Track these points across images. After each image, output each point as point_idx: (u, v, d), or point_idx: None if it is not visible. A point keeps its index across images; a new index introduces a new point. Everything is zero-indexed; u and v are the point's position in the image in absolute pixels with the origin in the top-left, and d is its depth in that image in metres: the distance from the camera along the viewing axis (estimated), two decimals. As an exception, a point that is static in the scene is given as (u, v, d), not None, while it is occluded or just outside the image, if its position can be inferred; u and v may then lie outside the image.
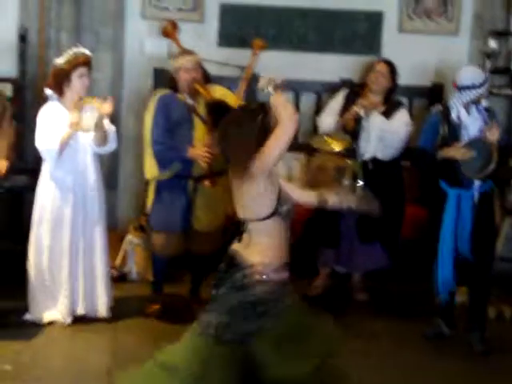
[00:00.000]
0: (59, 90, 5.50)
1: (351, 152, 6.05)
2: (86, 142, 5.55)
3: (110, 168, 6.80)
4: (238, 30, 7.06)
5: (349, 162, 5.97)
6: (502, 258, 6.33)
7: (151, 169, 5.74)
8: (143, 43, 7.01)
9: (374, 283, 6.50)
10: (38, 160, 5.68)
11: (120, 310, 5.78)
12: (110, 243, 5.82)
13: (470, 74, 5.58)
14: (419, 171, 6.35)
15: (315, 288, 6.40)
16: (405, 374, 5.24)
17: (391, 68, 6.28)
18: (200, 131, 5.70)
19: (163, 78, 6.71)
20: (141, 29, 7.01)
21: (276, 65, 6.87)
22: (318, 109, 6.95)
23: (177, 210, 5.73)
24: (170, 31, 6.62)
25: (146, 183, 5.96)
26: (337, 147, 6.02)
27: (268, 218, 3.78)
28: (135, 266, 6.48)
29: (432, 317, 5.87)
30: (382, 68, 6.26)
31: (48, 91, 5.54)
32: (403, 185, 6.36)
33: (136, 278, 6.46)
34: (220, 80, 6.29)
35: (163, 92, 5.85)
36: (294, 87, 7.00)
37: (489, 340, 5.68)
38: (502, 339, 5.84)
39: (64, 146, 5.41)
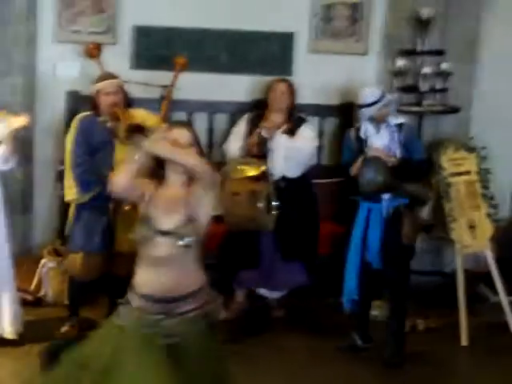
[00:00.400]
0: None
1: (263, 174, 6.13)
2: None
3: (24, 192, 6.76)
4: (152, 52, 7.07)
5: (262, 184, 6.04)
6: (415, 272, 6.43)
7: (71, 191, 5.72)
8: (56, 66, 6.98)
9: (291, 299, 6.56)
10: None
11: (35, 333, 5.73)
12: (25, 267, 5.77)
13: (368, 93, 5.89)
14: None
15: (230, 311, 6.35)
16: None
17: (290, 86, 6.40)
18: (121, 154, 5.71)
19: (75, 101, 6.74)
20: (53, 52, 6.96)
21: (190, 86, 6.95)
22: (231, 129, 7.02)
23: (97, 232, 5.74)
24: (93, 52, 6.62)
25: (62, 206, 5.94)
26: (250, 173, 6.10)
27: (140, 242, 3.78)
28: (50, 289, 6.43)
29: (347, 330, 5.99)
30: (280, 87, 6.37)
31: None
32: (316, 201, 6.46)
33: (51, 302, 6.42)
34: (136, 102, 6.32)
35: (85, 114, 5.85)
36: (208, 108, 7.08)
37: (403, 352, 5.79)
38: (416, 352, 5.94)
39: None
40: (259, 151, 6.22)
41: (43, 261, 6.48)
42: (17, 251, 5.95)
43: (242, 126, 6.50)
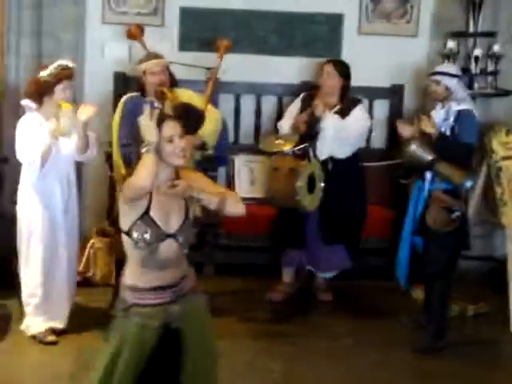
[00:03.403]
0: (39, 101, 5.36)
1: (308, 153, 6.07)
2: (69, 150, 5.41)
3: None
4: (199, 33, 7.06)
5: (304, 163, 5.96)
6: (464, 257, 6.35)
7: (119, 169, 5.73)
8: (103, 48, 7.00)
9: (339, 283, 6.51)
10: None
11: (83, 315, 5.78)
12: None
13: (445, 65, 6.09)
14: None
15: (277, 292, 6.38)
16: (363, 374, 5.31)
17: (339, 67, 6.29)
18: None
19: (123, 82, 6.75)
20: (101, 33, 6.98)
21: (237, 68, 6.91)
22: (279, 111, 6.98)
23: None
24: (135, 33, 6.61)
25: (111, 187, 5.98)
26: (284, 147, 6.02)
27: (127, 233, 3.56)
28: (98, 270, 6.46)
29: (397, 314, 6.04)
30: (328, 69, 6.27)
31: (25, 102, 5.41)
32: (364, 185, 6.39)
33: (99, 282, 6.44)
34: (183, 83, 6.30)
35: (130, 95, 5.85)
36: (255, 90, 7.06)
37: (442, 339, 5.70)
38: (463, 337, 5.89)
39: (47, 155, 5.25)
40: (305, 130, 6.15)
41: (91, 241, 6.51)
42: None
43: (296, 105, 6.45)
